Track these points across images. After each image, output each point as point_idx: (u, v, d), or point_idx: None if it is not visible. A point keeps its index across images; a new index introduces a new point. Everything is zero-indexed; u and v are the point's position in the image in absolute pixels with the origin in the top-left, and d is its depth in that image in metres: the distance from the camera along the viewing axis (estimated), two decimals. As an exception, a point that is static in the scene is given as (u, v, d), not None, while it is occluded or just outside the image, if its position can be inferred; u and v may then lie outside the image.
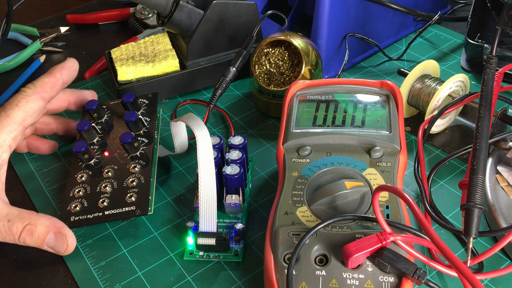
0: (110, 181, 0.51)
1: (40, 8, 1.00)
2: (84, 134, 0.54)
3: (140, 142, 0.54)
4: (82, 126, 0.54)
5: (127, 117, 0.54)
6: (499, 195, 0.48)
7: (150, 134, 0.54)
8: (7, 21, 0.70)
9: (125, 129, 0.55)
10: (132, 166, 0.52)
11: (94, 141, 0.55)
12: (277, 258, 0.40)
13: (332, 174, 0.45)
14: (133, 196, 0.49)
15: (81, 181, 0.52)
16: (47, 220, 0.46)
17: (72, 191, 0.51)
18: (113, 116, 0.58)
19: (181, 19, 0.60)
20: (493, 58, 0.50)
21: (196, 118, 0.51)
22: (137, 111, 0.56)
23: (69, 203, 0.50)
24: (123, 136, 0.51)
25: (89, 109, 0.57)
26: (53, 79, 0.53)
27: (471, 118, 0.59)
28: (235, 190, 0.49)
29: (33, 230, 0.45)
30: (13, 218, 0.45)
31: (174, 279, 0.46)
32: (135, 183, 0.50)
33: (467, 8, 0.78)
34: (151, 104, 0.58)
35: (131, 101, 0.56)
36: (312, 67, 0.59)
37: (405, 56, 0.70)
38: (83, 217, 0.49)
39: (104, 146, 0.54)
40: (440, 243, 0.37)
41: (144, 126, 0.55)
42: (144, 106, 0.58)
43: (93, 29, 0.83)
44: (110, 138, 0.55)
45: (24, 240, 0.46)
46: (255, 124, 0.62)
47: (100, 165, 0.53)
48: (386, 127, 0.48)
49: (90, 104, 0.57)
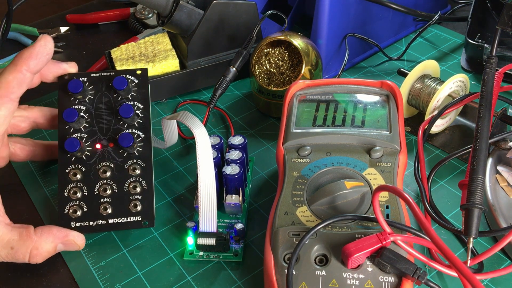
0: (108, 183, 0.48)
1: (40, 8, 1.00)
2: (73, 125, 0.48)
3: (136, 137, 0.49)
4: (70, 116, 0.47)
5: (123, 112, 0.48)
6: (499, 195, 0.48)
7: (146, 126, 0.49)
8: (7, 21, 0.70)
9: (116, 115, 0.49)
10: (132, 168, 0.49)
11: (81, 128, 0.49)
12: (277, 258, 0.40)
13: (332, 174, 0.45)
14: (138, 205, 0.48)
15: (75, 180, 0.48)
16: (50, 235, 0.45)
17: (66, 190, 0.48)
18: (98, 95, 0.50)
19: (181, 19, 0.60)
20: (493, 58, 0.50)
21: (191, 116, 0.49)
22: (127, 95, 0.50)
23: (66, 205, 0.48)
24: (123, 139, 0.48)
25: (74, 92, 0.49)
26: (19, 75, 0.45)
27: (471, 118, 0.59)
28: (235, 190, 0.49)
29: (40, 251, 0.44)
30: (15, 245, 0.44)
31: (174, 279, 0.46)
32: (138, 189, 0.48)
33: (467, 8, 0.78)
34: (141, 84, 0.50)
35: (124, 89, 0.49)
36: (312, 67, 0.59)
37: (405, 56, 0.70)
38: (86, 224, 0.47)
39: (94, 136, 0.49)
40: (440, 243, 0.37)
41: (138, 117, 0.49)
42: (133, 87, 0.50)
43: (93, 29, 0.83)
44: (99, 126, 0.49)
45: (36, 261, 0.45)
46: (255, 124, 0.62)
47: (93, 160, 0.48)
48: (386, 127, 0.48)
49: (75, 86, 0.49)
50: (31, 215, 0.53)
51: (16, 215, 0.53)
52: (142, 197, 0.48)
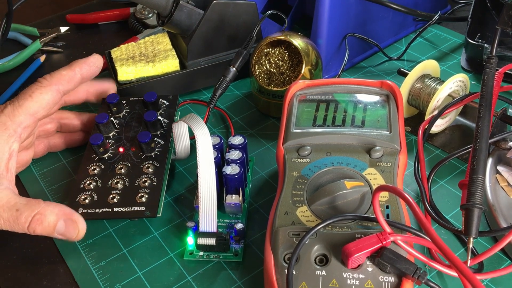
0: (122, 178, 0.51)
1: (40, 8, 1.00)
2: (102, 127, 0.54)
3: (156, 143, 0.54)
4: (101, 119, 0.54)
5: (147, 116, 0.54)
6: (499, 195, 0.48)
7: (167, 136, 0.54)
8: (7, 21, 0.70)
9: (143, 128, 0.55)
10: (146, 166, 0.52)
11: (110, 135, 0.55)
12: (277, 258, 0.40)
13: (332, 174, 0.45)
14: (143, 196, 0.49)
15: (92, 174, 0.52)
16: (56, 208, 0.45)
17: (83, 182, 0.51)
18: (132, 113, 0.57)
19: (181, 19, 0.60)
20: (493, 58, 0.50)
21: (196, 117, 0.51)
22: (156, 111, 0.56)
23: (79, 194, 0.50)
24: (141, 135, 0.52)
25: (110, 103, 0.56)
26: (71, 73, 0.52)
27: (471, 118, 0.59)
28: (235, 190, 0.49)
29: (43, 219, 0.44)
30: (21, 207, 0.44)
31: (174, 279, 0.46)
32: (147, 183, 0.50)
33: (467, 8, 0.78)
34: (171, 106, 0.58)
35: (152, 101, 0.56)
36: (312, 67, 0.59)
37: (405, 56, 0.70)
38: (92, 211, 0.49)
39: (120, 142, 0.55)
40: (440, 243, 0.37)
41: (162, 127, 0.55)
42: (163, 107, 0.58)
43: (93, 29, 0.83)
44: (126, 134, 0.55)
45: (34, 230, 0.45)
46: (255, 124, 0.62)
47: (114, 160, 0.53)
48: (386, 127, 0.48)
49: (111, 98, 0.56)
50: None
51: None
52: (150, 191, 0.50)
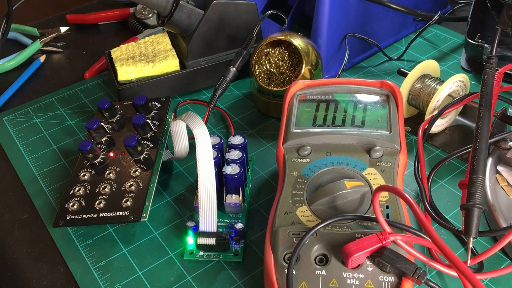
0: (110, 183, 0.51)
1: (40, 8, 1.00)
2: (93, 132, 0.54)
3: (145, 146, 0.53)
4: (91, 124, 0.54)
5: (134, 120, 0.53)
6: (499, 195, 0.48)
7: (156, 138, 0.54)
8: (7, 21, 0.70)
9: (133, 132, 0.55)
10: (133, 170, 0.51)
11: (102, 140, 0.55)
12: (277, 258, 0.40)
13: (332, 174, 0.45)
14: (129, 200, 0.49)
15: (83, 180, 0.52)
16: None
17: (73, 189, 0.51)
18: (125, 117, 0.57)
19: (181, 19, 0.60)
20: (493, 58, 0.50)
21: (194, 116, 0.50)
22: (147, 114, 0.56)
23: (68, 201, 0.50)
24: (127, 139, 0.51)
25: (101, 108, 0.56)
26: None
27: (471, 118, 0.59)
28: (235, 190, 0.49)
29: None
30: None
31: (174, 279, 0.46)
32: (133, 187, 0.50)
33: (467, 8, 0.78)
34: (163, 108, 0.57)
35: (142, 104, 0.55)
36: (312, 67, 0.59)
37: (405, 56, 0.70)
38: (78, 217, 0.49)
39: (111, 146, 0.54)
40: (440, 242, 0.37)
41: (151, 130, 0.54)
42: (155, 109, 0.57)
43: (93, 29, 0.83)
44: (119, 139, 0.55)
45: None
46: (255, 124, 0.62)
47: (104, 165, 0.53)
48: (386, 127, 0.48)
49: (102, 103, 0.56)
50: (31, 215, 0.53)
51: (16, 215, 0.53)
52: (136, 195, 0.49)
